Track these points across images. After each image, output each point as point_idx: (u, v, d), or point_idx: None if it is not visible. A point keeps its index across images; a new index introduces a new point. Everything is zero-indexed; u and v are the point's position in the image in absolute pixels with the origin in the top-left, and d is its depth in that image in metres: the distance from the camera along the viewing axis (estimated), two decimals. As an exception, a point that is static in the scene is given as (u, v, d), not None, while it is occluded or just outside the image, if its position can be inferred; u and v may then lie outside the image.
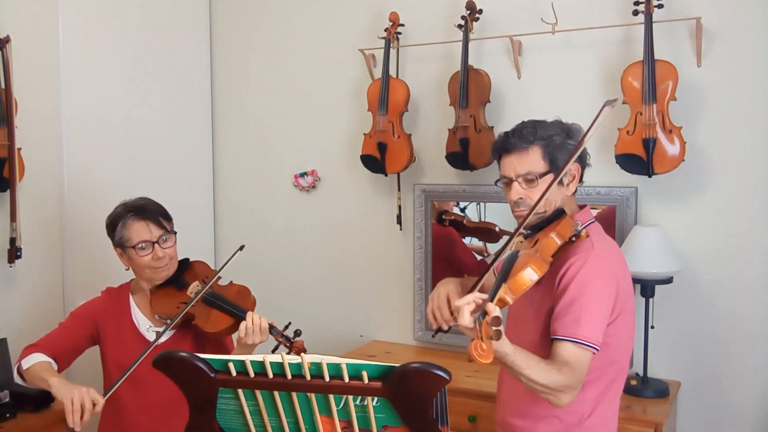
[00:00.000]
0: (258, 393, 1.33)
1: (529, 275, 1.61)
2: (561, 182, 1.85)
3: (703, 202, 2.73)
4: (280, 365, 1.28)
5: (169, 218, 2.24)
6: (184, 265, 2.28)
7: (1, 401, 2.49)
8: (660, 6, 2.62)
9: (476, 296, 1.56)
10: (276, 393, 1.32)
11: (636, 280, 2.59)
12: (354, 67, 3.38)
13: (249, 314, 2.05)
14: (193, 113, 3.71)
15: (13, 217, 2.75)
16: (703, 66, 2.68)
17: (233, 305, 2.14)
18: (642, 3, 2.61)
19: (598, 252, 1.79)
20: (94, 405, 1.91)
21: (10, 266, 2.79)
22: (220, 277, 2.22)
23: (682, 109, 2.65)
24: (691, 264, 2.73)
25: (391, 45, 3.15)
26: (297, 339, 2.09)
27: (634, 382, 2.62)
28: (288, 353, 1.96)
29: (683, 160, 2.60)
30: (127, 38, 3.30)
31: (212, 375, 1.33)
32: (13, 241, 2.76)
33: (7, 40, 2.71)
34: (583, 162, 1.92)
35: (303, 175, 3.58)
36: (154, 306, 2.19)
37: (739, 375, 2.70)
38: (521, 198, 1.86)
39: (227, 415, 1.38)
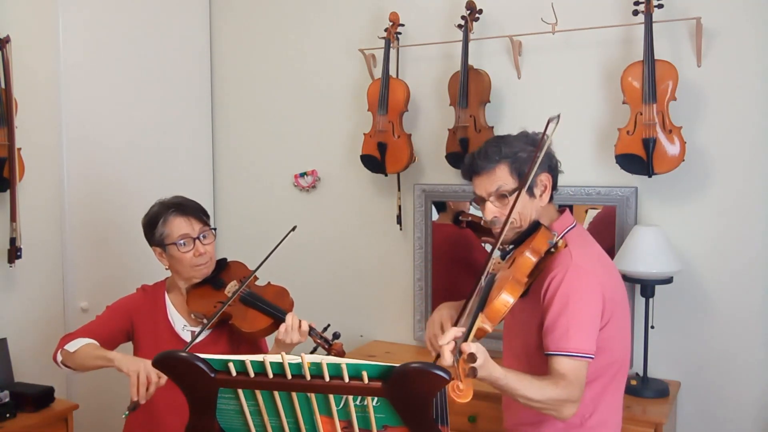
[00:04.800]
0: (258, 393, 1.33)
1: (503, 302, 1.61)
2: (532, 194, 1.86)
3: (703, 202, 2.73)
4: (280, 365, 1.28)
5: (207, 215, 2.23)
6: (222, 264, 2.26)
7: (1, 401, 2.49)
8: (660, 6, 2.61)
9: (456, 334, 1.53)
10: (276, 393, 1.32)
11: (636, 280, 2.59)
12: (354, 67, 3.38)
13: (289, 315, 2.03)
14: (193, 113, 3.71)
15: (13, 217, 2.75)
16: (703, 66, 2.68)
17: (271, 305, 2.11)
18: (642, 3, 2.61)
19: (576, 262, 1.78)
20: (159, 377, 1.89)
21: (10, 266, 2.80)
22: (257, 278, 2.19)
23: (682, 109, 2.65)
24: (691, 264, 2.73)
25: (391, 45, 3.14)
26: (336, 341, 2.06)
27: (634, 382, 2.62)
28: (326, 355, 1.96)
29: (683, 160, 2.60)
30: (127, 38, 3.30)
31: (212, 375, 1.33)
32: (13, 241, 2.76)
33: (7, 40, 2.71)
34: (553, 171, 1.91)
35: (303, 175, 3.58)
36: (190, 305, 2.15)
37: (739, 375, 2.70)
38: (495, 216, 1.87)
39: (227, 415, 1.38)
